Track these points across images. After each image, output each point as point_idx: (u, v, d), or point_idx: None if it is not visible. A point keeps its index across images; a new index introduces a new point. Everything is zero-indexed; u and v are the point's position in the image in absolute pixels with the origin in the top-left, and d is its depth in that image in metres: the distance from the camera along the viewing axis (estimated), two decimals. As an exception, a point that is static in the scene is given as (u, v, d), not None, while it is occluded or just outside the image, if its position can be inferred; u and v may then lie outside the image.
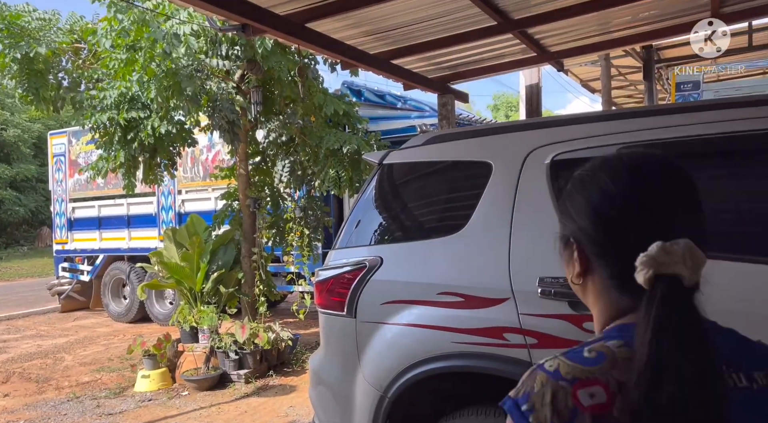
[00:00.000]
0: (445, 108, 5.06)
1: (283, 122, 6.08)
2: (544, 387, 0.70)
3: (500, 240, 2.21)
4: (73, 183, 10.71)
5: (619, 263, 0.75)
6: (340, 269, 2.56)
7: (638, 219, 0.74)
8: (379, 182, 2.70)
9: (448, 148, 2.54)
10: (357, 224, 2.71)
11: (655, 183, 0.76)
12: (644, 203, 0.75)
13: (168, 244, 6.96)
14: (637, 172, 0.77)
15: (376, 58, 4.28)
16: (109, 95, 5.62)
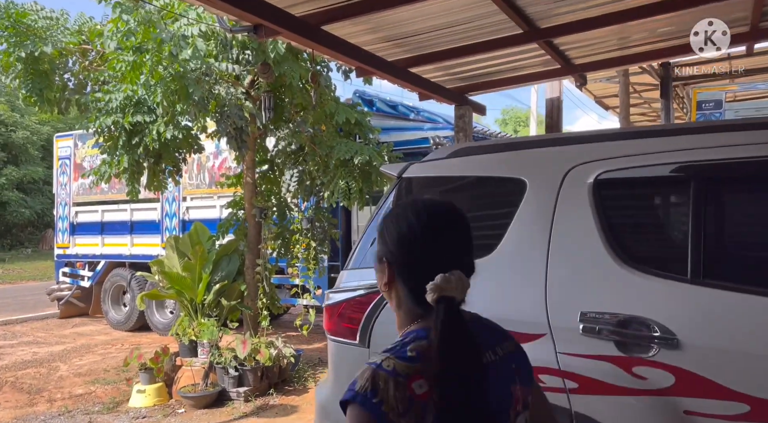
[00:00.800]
0: (462, 120, 4.84)
1: (292, 130, 5.87)
2: (387, 383, 0.91)
3: (535, 267, 1.96)
4: (77, 187, 10.55)
5: (414, 282, 0.99)
6: (353, 292, 2.32)
7: (429, 250, 0.99)
8: (397, 197, 2.46)
9: (475, 162, 2.30)
10: (372, 243, 2.47)
11: (444, 225, 1.01)
12: (435, 239, 1.00)
13: (170, 252, 6.74)
14: (432, 215, 1.03)
15: (394, 66, 4.06)
16: (114, 98, 5.43)
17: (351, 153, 5.70)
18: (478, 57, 4.38)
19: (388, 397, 0.90)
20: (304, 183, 5.97)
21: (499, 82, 4.84)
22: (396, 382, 0.91)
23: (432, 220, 1.03)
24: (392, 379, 0.92)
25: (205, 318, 6.31)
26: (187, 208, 9.21)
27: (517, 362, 1.10)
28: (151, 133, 5.40)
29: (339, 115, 5.84)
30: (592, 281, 1.85)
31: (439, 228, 1.02)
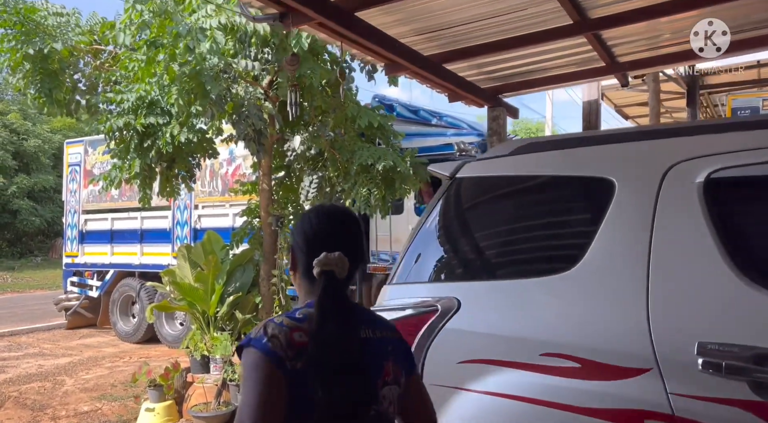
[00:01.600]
0: (496, 122, 4.51)
1: (312, 134, 5.55)
2: (275, 329, 1.17)
3: (633, 285, 1.61)
4: (87, 194, 10.31)
5: (307, 265, 1.26)
6: (401, 312, 1.98)
7: (319, 240, 1.27)
8: (450, 201, 2.12)
9: (546, 159, 1.96)
10: (420, 254, 2.13)
11: (332, 222, 1.32)
12: (323, 232, 1.29)
13: (181, 262, 6.42)
14: (324, 215, 1.34)
15: (429, 61, 3.74)
16: (126, 98, 5.15)
17: (374, 158, 5.37)
18: (516, 53, 4.05)
19: (275, 339, 1.15)
20: (324, 190, 5.64)
21: (536, 82, 4.50)
22: (281, 330, 1.17)
23: (326, 218, 1.33)
24: (279, 327, 1.18)
25: (218, 332, 5.97)
26: (198, 216, 8.92)
27: (395, 347, 1.31)
28: (165, 136, 5.11)
29: (361, 118, 5.52)
30: (711, 303, 1.50)
31: (330, 224, 1.31)
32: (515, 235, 1.95)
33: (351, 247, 1.27)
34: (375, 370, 1.21)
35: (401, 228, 7.11)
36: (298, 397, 1.12)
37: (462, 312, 1.83)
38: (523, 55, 4.17)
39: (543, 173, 1.94)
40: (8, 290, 18.01)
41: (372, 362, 1.21)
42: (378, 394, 1.20)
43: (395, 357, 1.27)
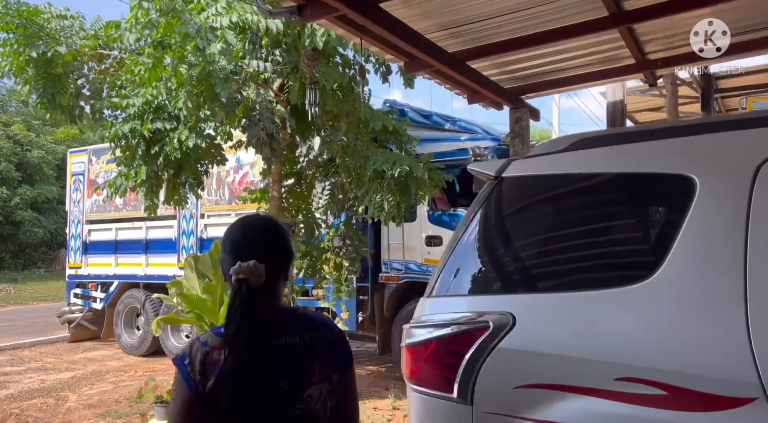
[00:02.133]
0: (519, 124, 4.29)
1: (323, 139, 5.36)
2: (197, 350, 1.24)
3: (727, 296, 1.38)
4: (90, 204, 10.12)
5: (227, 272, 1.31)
6: (446, 329, 1.75)
7: (237, 248, 1.31)
8: (495, 204, 1.90)
9: (609, 155, 1.74)
10: (463, 264, 1.90)
11: (249, 232, 1.36)
12: (242, 240, 1.34)
13: (189, 273, 6.19)
14: (246, 225, 1.38)
15: (453, 58, 3.53)
16: (132, 103, 4.96)
17: (389, 164, 5.16)
18: (542, 50, 3.85)
19: (194, 360, 1.24)
20: (336, 196, 5.43)
21: (559, 82, 4.29)
22: (201, 351, 1.24)
23: (244, 228, 1.38)
24: (201, 347, 1.25)
25: (227, 345, 5.74)
26: (205, 225, 8.71)
27: (326, 348, 1.33)
28: (172, 142, 4.91)
29: (375, 122, 5.33)
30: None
31: (247, 234, 1.36)
32: (577, 241, 1.72)
33: (269, 256, 1.29)
34: (297, 373, 1.27)
35: (414, 236, 6.88)
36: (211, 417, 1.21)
37: (518, 329, 1.61)
38: (549, 53, 3.97)
39: (608, 170, 1.71)
40: (11, 302, 17.81)
41: (297, 366, 1.27)
42: (302, 395, 1.26)
43: (324, 357, 1.31)
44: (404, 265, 7.04)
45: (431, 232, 6.84)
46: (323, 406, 1.28)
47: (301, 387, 1.25)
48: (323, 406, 1.28)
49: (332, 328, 1.38)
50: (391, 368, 7.79)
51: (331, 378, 1.31)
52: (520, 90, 4.33)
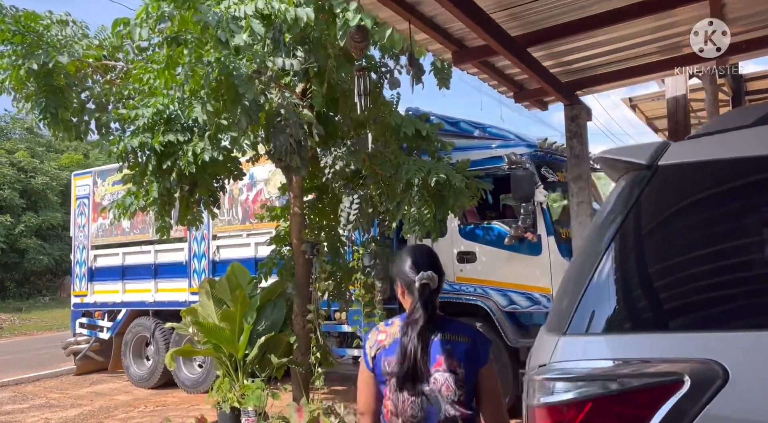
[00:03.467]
0: (576, 123, 3.82)
1: (350, 148, 4.89)
2: (372, 332, 1.95)
3: None
4: (96, 228, 9.65)
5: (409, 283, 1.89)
6: (609, 383, 1.23)
7: (416, 264, 1.89)
8: (655, 203, 1.39)
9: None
10: (616, 288, 1.39)
11: (421, 253, 1.96)
12: (419, 258, 1.92)
13: (204, 299, 5.70)
14: (418, 249, 2.00)
15: (515, 44, 3.06)
16: (141, 114, 4.52)
17: (423, 172, 4.68)
18: (605, 36, 3.39)
19: (369, 338, 1.96)
20: (366, 211, 4.94)
21: (618, 74, 3.82)
22: (374, 331, 1.96)
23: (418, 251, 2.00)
24: (373, 330, 1.97)
25: (249, 378, 5.21)
26: (217, 247, 8.22)
27: (454, 348, 1.84)
28: (186, 155, 4.46)
29: (407, 127, 4.87)
30: None
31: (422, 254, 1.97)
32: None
33: (436, 270, 1.92)
34: (434, 355, 1.83)
35: (444, 252, 6.35)
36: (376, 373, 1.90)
37: (734, 386, 1.09)
38: (609, 40, 3.51)
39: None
40: (15, 333, 17.29)
41: (431, 355, 1.82)
42: (429, 377, 1.80)
43: (449, 354, 1.82)
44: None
45: (463, 247, 6.33)
46: (447, 389, 1.78)
47: (428, 370, 1.79)
48: (447, 389, 1.78)
49: (467, 333, 1.89)
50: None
51: (455, 370, 1.80)
52: (575, 84, 3.87)
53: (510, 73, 3.77)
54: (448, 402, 1.76)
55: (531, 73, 3.25)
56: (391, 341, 1.85)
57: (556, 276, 5.80)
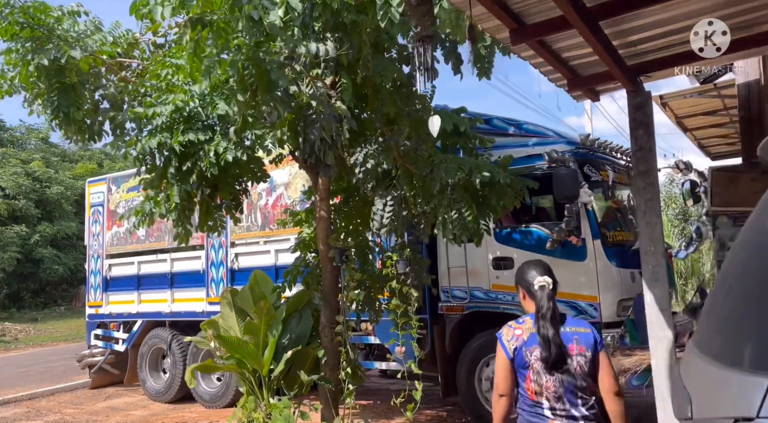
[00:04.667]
0: (641, 111, 3.40)
1: (382, 145, 4.51)
2: (505, 328, 2.49)
3: None
4: (110, 236, 9.37)
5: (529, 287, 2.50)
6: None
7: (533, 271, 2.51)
8: None
9: None
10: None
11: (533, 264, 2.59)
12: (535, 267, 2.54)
13: (226, 310, 5.34)
14: (533, 261, 2.65)
15: (590, 15, 2.64)
16: (159, 112, 4.19)
17: (464, 172, 4.29)
18: (679, 11, 2.99)
19: (505, 334, 2.43)
20: (399, 214, 4.56)
21: (686, 56, 3.41)
22: (508, 328, 2.44)
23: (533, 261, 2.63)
24: (507, 327, 2.46)
25: (275, 396, 4.83)
26: (236, 255, 7.88)
27: (580, 337, 2.41)
28: (208, 156, 4.11)
29: (445, 122, 4.48)
30: None
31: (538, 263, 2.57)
32: None
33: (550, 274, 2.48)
34: (567, 347, 2.37)
35: (479, 258, 5.96)
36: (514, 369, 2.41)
37: None
38: (680, 16, 3.11)
39: None
40: (30, 344, 17.10)
41: (566, 343, 2.37)
42: (569, 359, 2.35)
43: (578, 342, 2.40)
44: (468, 292, 6.11)
45: (499, 252, 5.92)
46: (581, 368, 2.37)
47: (569, 354, 2.36)
48: (581, 368, 2.37)
49: (585, 325, 2.51)
50: (453, 412, 6.79)
51: (585, 354, 2.40)
52: (639, 68, 3.46)
53: (567, 56, 3.37)
54: (581, 378, 2.36)
55: (602, 52, 2.85)
56: (528, 335, 2.40)
57: (602, 283, 5.37)
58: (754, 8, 3.26)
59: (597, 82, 3.78)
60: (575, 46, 3.11)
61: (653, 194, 3.36)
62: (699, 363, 1.21)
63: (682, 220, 15.32)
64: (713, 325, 1.31)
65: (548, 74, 3.67)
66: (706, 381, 1.14)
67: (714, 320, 1.31)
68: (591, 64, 3.53)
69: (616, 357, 5.20)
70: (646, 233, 3.40)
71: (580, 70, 3.64)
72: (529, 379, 2.35)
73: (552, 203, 6.92)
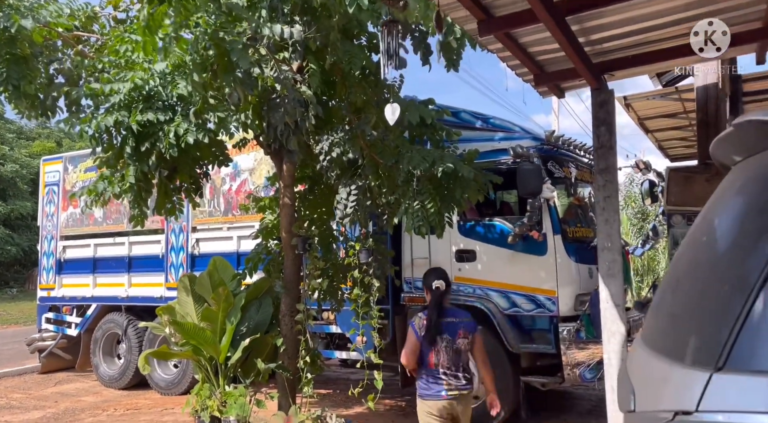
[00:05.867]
0: (604, 109, 3.45)
1: (348, 134, 4.46)
2: (416, 318, 3.51)
3: None
4: (66, 217, 9.05)
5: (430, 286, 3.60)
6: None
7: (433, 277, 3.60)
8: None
9: None
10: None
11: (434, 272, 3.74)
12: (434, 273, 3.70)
13: (183, 296, 5.22)
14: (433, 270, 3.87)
15: (556, 10, 2.65)
16: (117, 89, 4.03)
17: (428, 163, 4.28)
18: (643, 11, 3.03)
19: (416, 322, 3.46)
20: (364, 204, 4.53)
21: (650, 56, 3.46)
22: (418, 318, 3.46)
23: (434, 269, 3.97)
24: (417, 317, 3.48)
25: (230, 384, 4.76)
26: (197, 240, 7.71)
27: (465, 324, 3.44)
28: (168, 136, 3.98)
29: (411, 113, 4.46)
30: None
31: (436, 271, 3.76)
32: None
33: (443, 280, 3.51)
34: (453, 333, 3.37)
35: (442, 250, 5.98)
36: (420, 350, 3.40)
37: None
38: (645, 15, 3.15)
39: None
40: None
41: (453, 330, 3.38)
42: (457, 340, 3.37)
43: (464, 328, 3.41)
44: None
45: (462, 245, 5.96)
46: (464, 346, 3.39)
47: (456, 337, 3.37)
48: (464, 346, 3.39)
49: (466, 315, 3.57)
50: (412, 402, 6.83)
51: (468, 337, 3.41)
52: (603, 66, 3.51)
53: (534, 50, 3.39)
54: (464, 353, 3.43)
55: (568, 47, 2.87)
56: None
57: (561, 278, 5.47)
58: (715, 12, 3.33)
59: (563, 79, 3.82)
60: (542, 40, 3.12)
61: (612, 191, 3.42)
62: (644, 357, 1.22)
63: (640, 220, 15.74)
64: (660, 320, 1.33)
65: (516, 69, 3.68)
66: (649, 374, 1.16)
67: (661, 315, 1.33)
68: (557, 61, 3.56)
69: (571, 350, 5.32)
70: (604, 230, 3.46)
71: (547, 66, 3.66)
72: (432, 355, 3.35)
73: (516, 198, 7.01)
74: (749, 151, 1.16)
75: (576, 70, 3.47)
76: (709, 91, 3.95)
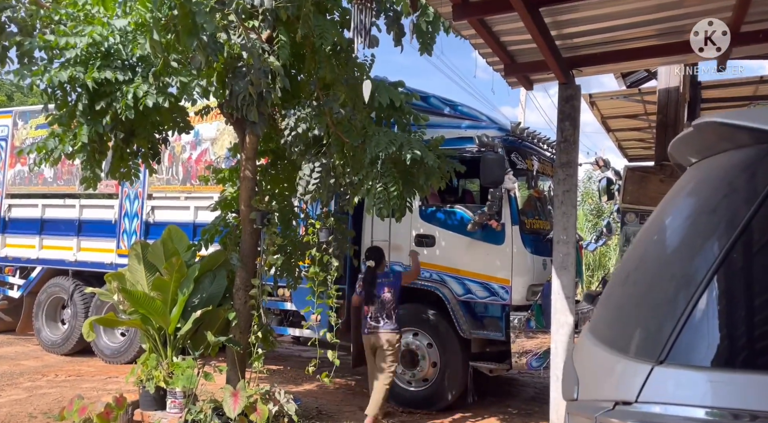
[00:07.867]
0: (570, 104, 3.50)
1: (315, 110, 4.38)
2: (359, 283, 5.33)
3: None
4: (13, 175, 8.63)
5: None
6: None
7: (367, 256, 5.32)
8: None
9: None
10: (741, 305, 1.02)
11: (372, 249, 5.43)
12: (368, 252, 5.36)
13: (134, 263, 5.07)
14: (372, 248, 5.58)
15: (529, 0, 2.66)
16: (73, 43, 3.82)
17: (394, 146, 4.26)
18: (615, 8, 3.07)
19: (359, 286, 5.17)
20: (327, 182, 4.47)
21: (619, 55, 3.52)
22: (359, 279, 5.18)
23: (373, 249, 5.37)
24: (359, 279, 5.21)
25: (179, 355, 4.68)
26: (152, 208, 7.50)
27: (390, 282, 5.04)
28: (125, 97, 3.82)
29: (381, 94, 4.41)
30: None
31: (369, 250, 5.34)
32: None
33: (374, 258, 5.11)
34: (381, 289, 4.96)
35: (402, 233, 6.01)
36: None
37: None
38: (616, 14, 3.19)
39: None
40: None
41: (379, 289, 4.97)
42: (382, 294, 4.96)
43: (389, 285, 5.01)
44: (389, 266, 6.15)
45: (423, 230, 5.99)
46: (387, 299, 4.95)
47: (382, 291, 4.97)
48: (387, 299, 4.95)
49: (393, 274, 5.24)
50: (362, 382, 6.90)
51: (391, 291, 4.98)
52: (572, 62, 3.55)
53: (506, 40, 3.39)
54: (387, 304, 4.92)
55: (539, 38, 2.89)
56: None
57: (516, 267, 5.58)
58: (683, 16, 3.40)
59: (532, 71, 3.85)
60: (515, 30, 3.13)
61: (572, 186, 3.49)
62: (590, 347, 1.25)
63: (595, 216, 16.20)
64: (607, 312, 1.36)
65: (487, 57, 3.69)
66: (594, 365, 1.19)
67: (608, 307, 1.36)
68: (528, 52, 3.58)
69: (521, 339, 5.46)
70: (560, 223, 3.53)
71: (518, 57, 3.68)
72: (366, 307, 4.92)
73: (478, 187, 7.08)
74: (706, 152, 1.19)
75: (546, 62, 3.50)
76: (671, 94, 4.06)
